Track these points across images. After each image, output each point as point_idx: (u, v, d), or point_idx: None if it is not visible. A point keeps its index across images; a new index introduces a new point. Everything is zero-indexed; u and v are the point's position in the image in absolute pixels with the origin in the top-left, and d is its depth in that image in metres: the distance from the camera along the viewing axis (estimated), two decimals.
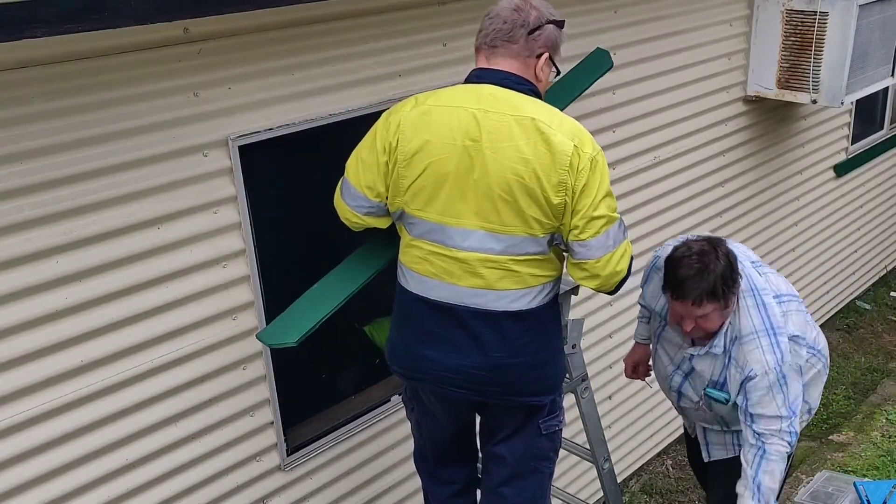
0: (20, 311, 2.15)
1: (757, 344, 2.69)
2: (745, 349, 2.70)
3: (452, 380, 2.34)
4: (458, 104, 2.18)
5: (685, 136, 4.20)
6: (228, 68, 2.39)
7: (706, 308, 2.60)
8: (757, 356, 2.68)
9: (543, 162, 2.13)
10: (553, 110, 2.20)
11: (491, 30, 2.22)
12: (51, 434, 2.29)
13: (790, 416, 2.70)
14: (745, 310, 2.73)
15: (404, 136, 2.19)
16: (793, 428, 2.72)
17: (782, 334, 2.71)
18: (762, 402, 2.69)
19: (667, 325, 2.94)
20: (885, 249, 6.70)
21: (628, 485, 4.61)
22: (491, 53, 2.24)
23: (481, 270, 2.22)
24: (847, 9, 4.14)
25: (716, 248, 2.62)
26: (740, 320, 2.72)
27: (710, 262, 2.57)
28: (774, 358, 2.67)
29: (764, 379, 2.67)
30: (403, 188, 2.23)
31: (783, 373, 2.68)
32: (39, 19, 1.73)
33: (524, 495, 2.53)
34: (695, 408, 2.99)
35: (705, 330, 2.71)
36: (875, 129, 6.15)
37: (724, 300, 2.62)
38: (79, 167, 2.16)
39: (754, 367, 2.68)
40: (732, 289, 2.63)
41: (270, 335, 2.43)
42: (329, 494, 3.07)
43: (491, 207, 2.17)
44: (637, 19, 3.70)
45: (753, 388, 2.69)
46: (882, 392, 5.42)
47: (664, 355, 3.02)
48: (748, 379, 2.69)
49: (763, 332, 2.69)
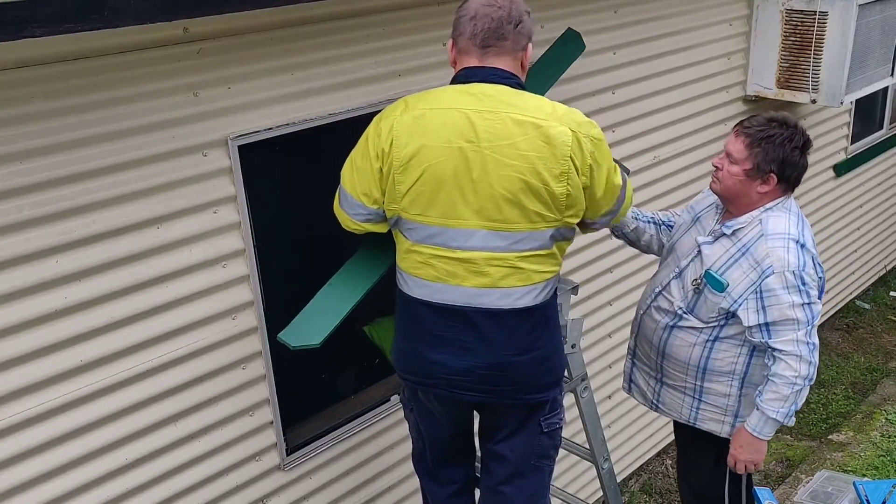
0: (20, 310, 2.15)
1: (784, 245, 2.66)
2: (769, 245, 2.67)
3: (462, 382, 2.33)
4: (450, 106, 2.17)
5: (685, 135, 4.20)
6: (228, 68, 2.39)
7: (738, 146, 2.70)
8: (780, 254, 2.65)
9: (543, 155, 2.13)
10: (541, 100, 2.22)
11: (479, 30, 2.20)
12: (50, 434, 2.29)
13: (807, 322, 2.65)
14: (784, 217, 2.72)
15: (398, 142, 2.18)
16: (810, 339, 2.67)
17: (809, 252, 2.68)
18: (779, 304, 2.64)
19: (688, 231, 2.96)
20: (884, 249, 6.70)
21: (628, 484, 4.61)
22: (484, 54, 2.22)
23: (487, 269, 2.22)
24: (847, 8, 4.14)
25: (797, 129, 2.70)
26: (774, 221, 2.71)
27: (787, 130, 2.68)
28: (797, 262, 2.64)
29: (781, 277, 2.63)
30: (400, 194, 2.21)
31: (802, 277, 2.64)
32: (39, 19, 1.73)
33: (524, 493, 2.53)
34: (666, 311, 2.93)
35: (722, 177, 2.75)
36: (875, 128, 6.15)
37: (758, 151, 2.66)
38: (79, 167, 2.16)
39: (774, 264, 2.64)
40: (772, 153, 2.66)
41: (294, 336, 2.40)
42: (329, 494, 3.07)
43: (493, 206, 2.17)
44: (637, 19, 3.70)
45: (769, 286, 2.65)
46: (881, 392, 5.42)
47: (670, 263, 2.99)
48: (764, 275, 2.65)
49: (794, 239, 2.68)
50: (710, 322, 2.82)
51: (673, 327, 2.91)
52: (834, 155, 5.59)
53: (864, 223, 6.25)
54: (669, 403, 3.05)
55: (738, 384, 2.86)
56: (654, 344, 3.00)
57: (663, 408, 3.09)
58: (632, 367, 3.20)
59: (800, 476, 4.50)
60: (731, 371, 2.85)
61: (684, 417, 3.02)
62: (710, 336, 2.84)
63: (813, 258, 2.70)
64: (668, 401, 3.05)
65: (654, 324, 2.98)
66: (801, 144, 2.70)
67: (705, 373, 2.89)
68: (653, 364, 3.05)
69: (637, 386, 3.19)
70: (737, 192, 2.75)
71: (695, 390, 2.95)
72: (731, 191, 2.76)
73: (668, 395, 3.04)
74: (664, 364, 2.99)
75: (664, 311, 2.94)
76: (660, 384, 3.06)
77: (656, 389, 3.08)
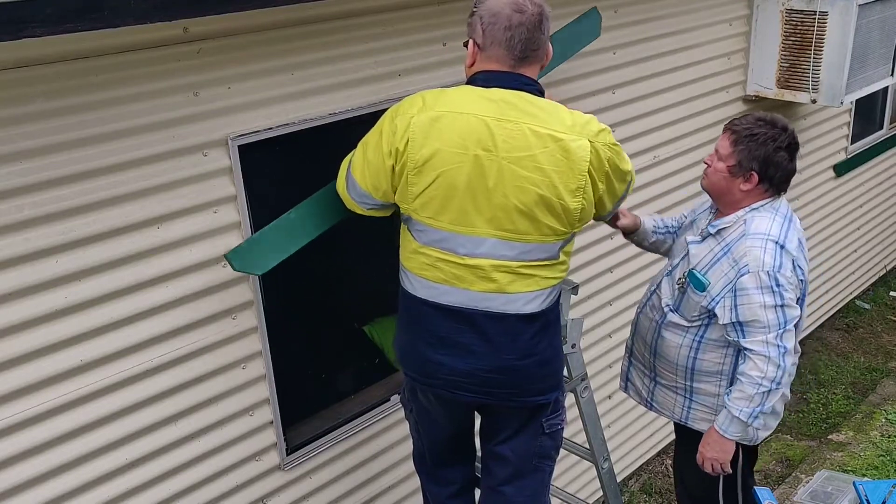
0: (20, 310, 2.15)
1: (762, 245, 2.66)
2: (747, 244, 2.68)
3: (464, 384, 2.33)
4: (469, 111, 2.14)
5: (685, 135, 4.20)
6: (228, 68, 2.39)
7: (725, 142, 2.73)
8: (757, 254, 2.65)
9: (561, 169, 2.13)
10: (559, 108, 2.19)
11: (518, 41, 2.14)
12: (50, 433, 2.29)
13: (778, 325, 2.64)
14: (769, 218, 2.73)
15: (414, 143, 2.14)
16: (781, 342, 2.65)
17: (789, 254, 2.68)
18: (750, 303, 2.65)
19: (686, 231, 2.99)
20: (884, 249, 6.70)
21: (628, 484, 4.61)
22: (518, 65, 2.18)
23: (494, 275, 2.22)
24: (847, 8, 4.15)
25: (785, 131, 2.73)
26: (757, 222, 2.72)
27: (773, 130, 2.71)
28: (773, 262, 2.64)
29: (755, 277, 2.63)
30: (413, 195, 2.20)
31: (777, 279, 2.63)
32: (39, 19, 1.73)
33: (525, 493, 2.53)
34: (656, 308, 2.96)
35: (709, 173, 2.79)
36: (875, 128, 6.15)
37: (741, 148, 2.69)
38: (78, 166, 2.16)
39: (750, 264, 2.65)
40: (755, 152, 2.68)
41: (240, 260, 2.40)
42: (329, 494, 3.07)
43: (505, 216, 2.16)
44: (637, 19, 3.70)
45: (743, 285, 2.65)
46: (881, 392, 5.42)
47: (666, 262, 3.04)
48: (740, 274, 2.66)
49: (773, 239, 2.68)
50: (694, 321, 2.83)
51: (662, 326, 2.94)
52: (834, 155, 5.59)
53: (864, 223, 6.25)
54: (663, 402, 3.07)
55: (726, 384, 2.86)
56: (647, 343, 3.02)
57: (657, 406, 3.11)
58: (629, 365, 3.21)
59: (800, 476, 4.50)
60: (718, 371, 2.86)
61: (677, 416, 3.04)
62: (695, 336, 2.85)
63: (794, 261, 2.69)
64: (662, 400, 3.07)
65: (648, 322, 3.01)
66: (785, 146, 2.71)
67: (693, 373, 2.90)
68: (647, 363, 3.07)
69: (633, 384, 3.21)
70: (720, 188, 2.78)
71: (686, 390, 2.96)
72: (716, 187, 2.80)
73: (662, 394, 3.06)
74: (656, 363, 3.01)
75: (656, 308, 2.97)
76: (654, 383, 3.08)
77: (650, 388, 3.10)
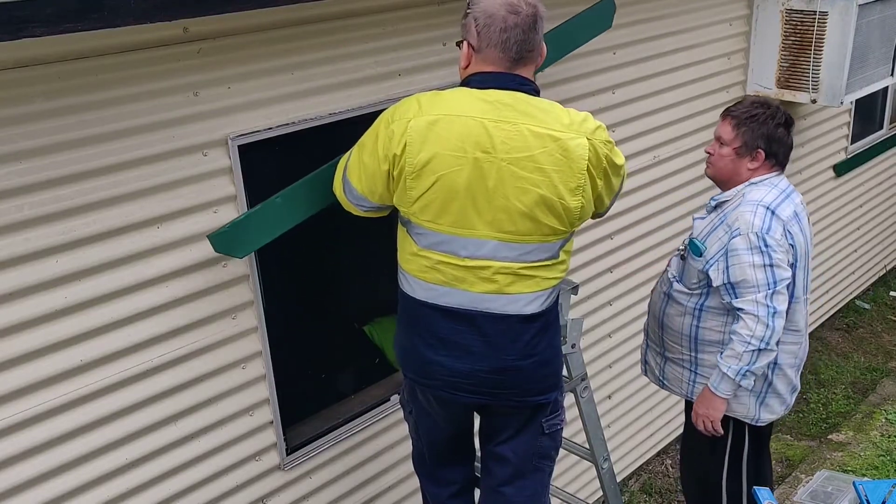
0: (20, 310, 2.15)
1: (753, 209, 2.82)
2: (740, 210, 2.85)
3: (464, 385, 2.33)
4: (466, 113, 2.12)
5: (685, 135, 4.20)
6: (228, 68, 2.39)
7: (726, 128, 2.91)
8: (747, 217, 2.81)
9: (561, 169, 2.12)
10: (556, 107, 2.18)
11: (513, 43, 2.13)
12: (50, 433, 2.28)
13: (767, 284, 2.75)
14: (766, 190, 2.87)
15: (412, 148, 2.13)
16: (770, 302, 2.75)
17: (780, 220, 2.80)
18: (739, 263, 2.77)
19: None
20: (884, 249, 6.70)
21: (628, 484, 4.61)
22: (514, 66, 2.17)
23: (495, 276, 2.21)
24: (847, 8, 4.15)
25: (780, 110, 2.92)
26: (754, 192, 2.88)
27: (769, 109, 2.91)
28: (762, 224, 2.78)
29: (745, 239, 2.77)
30: (411, 199, 2.19)
31: (765, 239, 2.76)
32: (39, 19, 1.73)
33: (525, 493, 2.53)
34: (665, 281, 3.10)
35: (714, 160, 2.97)
36: (875, 128, 6.15)
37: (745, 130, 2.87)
38: (78, 166, 2.16)
39: (741, 227, 2.80)
40: (757, 131, 2.87)
41: (221, 242, 2.41)
42: (329, 494, 3.07)
43: (507, 218, 2.15)
44: (637, 19, 3.70)
45: (733, 246, 2.79)
46: (881, 392, 5.42)
47: None
48: (731, 237, 2.81)
49: (764, 205, 2.83)
50: (694, 289, 2.96)
51: (668, 297, 3.07)
52: (834, 155, 5.59)
53: (864, 223, 6.25)
54: (672, 378, 3.17)
55: None
56: (657, 317, 3.15)
57: (667, 384, 3.21)
58: (646, 347, 3.32)
59: (800, 476, 4.50)
60: (719, 341, 2.96)
61: (684, 392, 3.13)
62: (696, 304, 2.97)
63: (784, 226, 2.81)
64: (671, 376, 3.17)
65: (657, 297, 3.15)
66: (783, 121, 2.92)
67: (697, 342, 3.01)
68: (657, 338, 3.18)
69: (648, 364, 3.32)
70: (728, 172, 2.95)
71: (691, 362, 3.06)
72: (724, 171, 2.96)
73: (670, 369, 3.16)
74: (664, 337, 3.12)
75: (665, 281, 3.11)
76: (663, 359, 3.18)
77: (661, 365, 3.21)
